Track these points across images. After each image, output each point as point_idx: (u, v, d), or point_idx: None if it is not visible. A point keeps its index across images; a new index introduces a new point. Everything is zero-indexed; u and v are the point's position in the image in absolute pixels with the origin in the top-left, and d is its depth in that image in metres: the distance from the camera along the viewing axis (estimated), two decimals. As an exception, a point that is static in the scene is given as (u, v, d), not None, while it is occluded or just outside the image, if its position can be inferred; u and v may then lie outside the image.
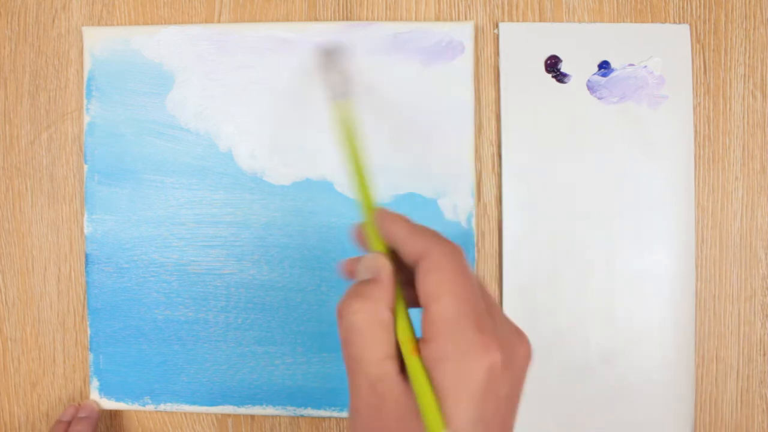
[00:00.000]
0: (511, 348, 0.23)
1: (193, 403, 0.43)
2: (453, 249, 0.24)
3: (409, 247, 0.24)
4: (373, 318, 0.23)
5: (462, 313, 0.22)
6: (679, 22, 0.42)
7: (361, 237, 0.28)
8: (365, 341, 0.22)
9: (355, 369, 0.23)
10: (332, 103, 0.35)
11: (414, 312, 0.24)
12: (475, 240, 0.42)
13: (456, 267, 0.23)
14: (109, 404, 0.43)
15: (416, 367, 0.22)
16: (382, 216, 0.26)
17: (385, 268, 0.24)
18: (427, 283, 0.23)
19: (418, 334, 0.23)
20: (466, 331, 0.22)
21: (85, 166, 0.43)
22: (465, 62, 0.41)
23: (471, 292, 0.23)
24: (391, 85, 0.42)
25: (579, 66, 0.41)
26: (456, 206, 0.41)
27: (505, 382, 0.22)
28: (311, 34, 0.42)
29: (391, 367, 0.22)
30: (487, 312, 0.23)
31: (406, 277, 0.25)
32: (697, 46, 0.42)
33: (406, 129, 0.42)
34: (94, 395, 0.43)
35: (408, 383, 0.22)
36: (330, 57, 0.39)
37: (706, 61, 0.42)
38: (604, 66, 0.41)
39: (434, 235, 0.24)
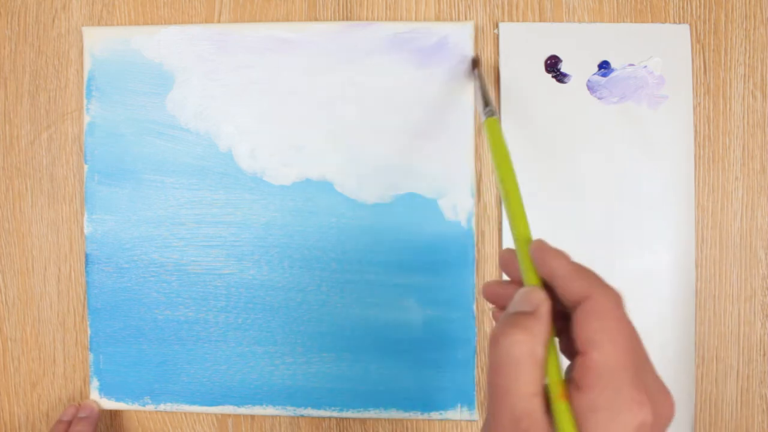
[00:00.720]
0: (658, 408, 0.22)
1: (193, 403, 0.43)
2: (617, 295, 0.23)
3: (571, 287, 0.23)
4: (529, 351, 0.22)
5: (622, 365, 0.21)
6: (679, 22, 0.42)
7: (508, 264, 0.27)
8: (519, 373, 0.22)
9: (502, 399, 0.22)
10: (486, 120, 0.34)
11: None
12: (475, 240, 0.42)
13: (620, 315, 0.22)
14: (109, 404, 0.43)
15: (564, 412, 0.21)
16: (542, 249, 0.25)
17: (544, 303, 0.23)
18: (589, 328, 0.22)
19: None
20: (623, 385, 0.21)
21: (85, 166, 0.43)
22: (465, 62, 0.41)
23: (632, 345, 0.22)
24: (391, 85, 0.42)
25: (579, 66, 0.41)
26: (456, 206, 0.41)
27: None
28: (311, 34, 0.42)
29: (538, 405, 0.22)
30: (643, 367, 0.22)
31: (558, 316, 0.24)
32: (697, 46, 0.42)
33: (406, 129, 0.42)
34: (94, 395, 0.43)
35: (551, 425, 0.22)
36: (479, 69, 0.39)
37: (706, 61, 0.42)
38: (604, 66, 0.41)
39: (597, 278, 0.24)
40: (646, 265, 0.41)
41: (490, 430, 0.22)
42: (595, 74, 0.41)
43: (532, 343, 0.22)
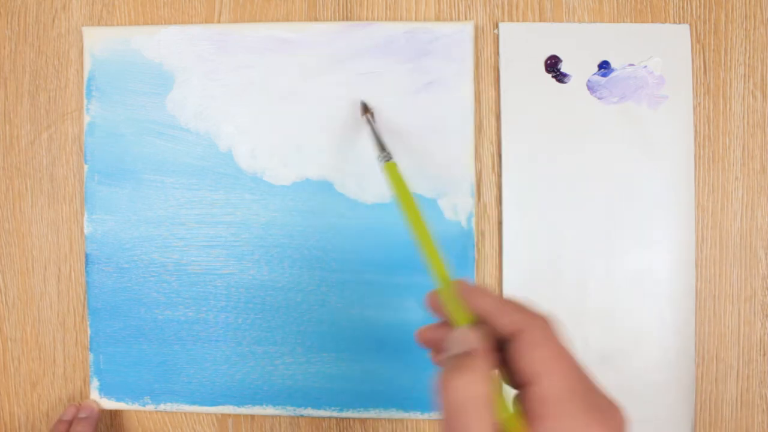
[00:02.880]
0: (611, 423, 0.23)
1: (193, 403, 0.43)
2: (548, 322, 0.24)
3: (503, 321, 0.24)
4: (477, 392, 0.22)
5: (572, 391, 0.22)
6: (679, 22, 0.42)
7: (436, 305, 0.27)
8: (472, 417, 0.22)
9: None
10: (382, 164, 0.34)
11: None
12: (475, 240, 0.42)
13: (558, 341, 0.23)
14: (109, 404, 0.43)
15: None
16: (467, 290, 0.26)
17: (479, 342, 0.24)
18: (530, 360, 0.22)
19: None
20: (577, 411, 0.21)
21: (85, 166, 0.43)
22: (465, 62, 0.41)
23: (577, 369, 0.23)
24: (391, 85, 0.42)
25: (579, 66, 0.41)
26: (456, 206, 0.41)
27: None
28: (311, 34, 0.42)
29: None
30: (590, 387, 0.23)
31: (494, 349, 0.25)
32: (697, 46, 0.42)
33: (405, 129, 0.42)
34: (94, 395, 0.43)
35: None
36: (369, 115, 0.39)
37: (706, 61, 0.42)
38: (604, 66, 0.41)
39: (526, 309, 0.24)
40: (646, 265, 0.41)
41: None
42: (595, 74, 0.41)
43: (477, 384, 0.22)
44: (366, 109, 0.41)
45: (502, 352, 0.24)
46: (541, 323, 0.23)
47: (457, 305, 0.26)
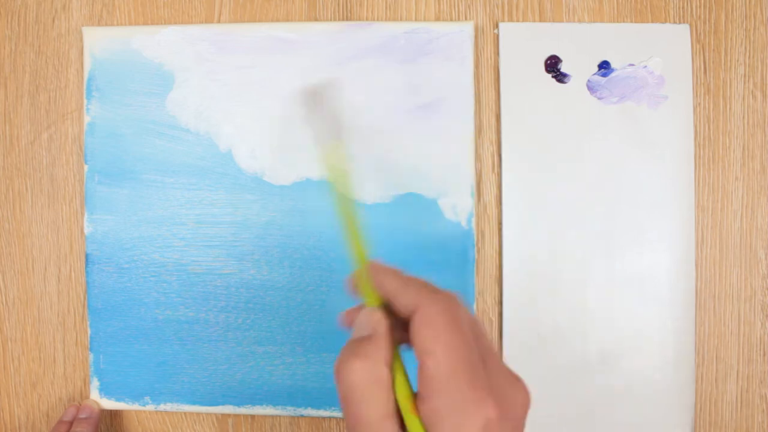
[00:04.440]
0: (508, 399, 0.22)
1: (193, 403, 0.43)
2: (446, 300, 0.23)
3: (403, 301, 0.24)
4: (371, 377, 0.22)
5: (454, 369, 0.22)
6: (679, 22, 0.42)
7: (355, 288, 0.28)
8: (364, 401, 0.22)
9: (356, 428, 0.22)
10: (320, 147, 0.33)
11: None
12: (475, 240, 0.42)
13: (448, 320, 0.23)
14: (109, 404, 0.43)
15: (415, 425, 0.22)
16: (374, 269, 0.26)
17: (380, 324, 0.24)
18: (420, 338, 0.22)
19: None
20: (459, 388, 0.21)
21: (85, 166, 0.43)
22: (465, 62, 0.41)
23: (464, 346, 0.22)
24: (391, 85, 0.42)
25: (579, 66, 0.41)
26: (456, 206, 0.41)
27: None
28: (311, 34, 0.42)
29: (390, 427, 0.22)
30: (481, 364, 0.22)
31: (404, 329, 0.24)
32: (697, 46, 0.42)
33: (406, 129, 0.42)
34: (95, 395, 0.43)
35: None
36: (315, 98, 0.38)
37: (706, 61, 0.42)
38: (604, 66, 0.41)
39: (426, 288, 0.24)
40: (645, 265, 0.41)
41: None
42: (595, 74, 0.41)
43: (372, 368, 0.22)
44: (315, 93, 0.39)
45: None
46: (439, 300, 0.23)
47: (368, 286, 0.26)
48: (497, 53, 0.42)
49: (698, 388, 0.42)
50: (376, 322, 0.24)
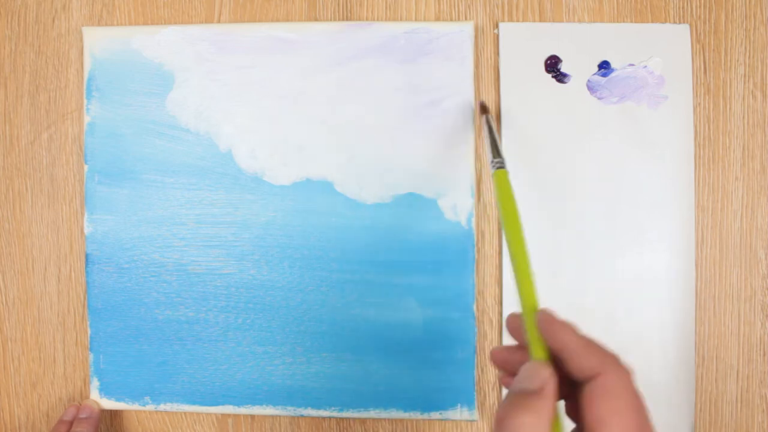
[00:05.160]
0: None
1: (193, 403, 0.43)
2: (627, 372, 0.23)
3: (583, 363, 0.23)
4: None
5: None
6: (679, 22, 0.42)
7: (514, 329, 0.27)
8: None
9: None
10: (495, 172, 0.31)
11: None
12: (475, 240, 0.42)
13: (632, 395, 0.22)
14: (109, 404, 0.43)
15: None
16: (550, 321, 0.25)
17: (550, 382, 0.23)
18: (600, 407, 0.22)
19: None
20: None
21: (85, 166, 0.43)
22: (465, 62, 0.41)
23: (640, 422, 0.22)
24: (391, 85, 0.42)
25: (579, 66, 0.41)
26: (456, 206, 0.41)
27: None
28: (311, 34, 0.42)
29: None
30: None
31: (563, 384, 0.24)
32: (697, 46, 0.42)
33: (405, 129, 0.42)
34: (95, 395, 0.43)
35: None
36: (488, 115, 0.37)
37: (706, 61, 0.42)
38: (604, 66, 0.41)
39: (609, 354, 0.24)
40: (646, 265, 0.41)
41: None
42: (595, 74, 0.41)
43: (538, 424, 0.22)
44: (484, 109, 0.40)
45: (572, 387, 0.24)
46: (622, 372, 0.23)
47: (536, 335, 0.25)
48: (497, 53, 0.42)
49: (698, 388, 0.42)
50: (545, 378, 0.23)
